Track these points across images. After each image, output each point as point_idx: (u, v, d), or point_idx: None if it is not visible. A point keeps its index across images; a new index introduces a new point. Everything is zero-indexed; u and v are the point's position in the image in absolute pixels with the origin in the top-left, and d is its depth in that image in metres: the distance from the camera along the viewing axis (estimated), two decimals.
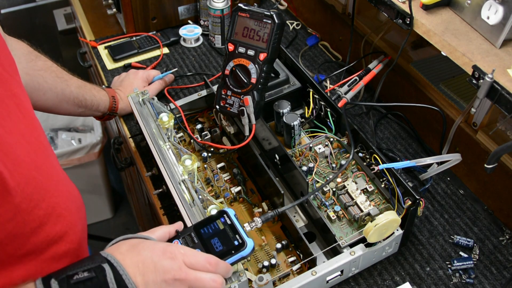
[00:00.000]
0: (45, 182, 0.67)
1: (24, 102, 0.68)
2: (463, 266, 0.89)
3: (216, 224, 0.72)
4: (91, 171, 2.02)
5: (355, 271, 0.87)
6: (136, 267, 0.61)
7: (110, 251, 0.63)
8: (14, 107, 0.65)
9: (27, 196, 0.62)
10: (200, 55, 1.36)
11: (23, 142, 0.64)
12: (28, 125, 0.67)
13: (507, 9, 0.77)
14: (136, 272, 0.61)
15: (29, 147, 0.65)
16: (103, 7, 1.41)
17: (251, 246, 0.70)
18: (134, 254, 0.63)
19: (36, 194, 0.64)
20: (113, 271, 0.60)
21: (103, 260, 0.61)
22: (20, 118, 0.66)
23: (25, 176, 0.62)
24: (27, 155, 0.64)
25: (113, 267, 0.60)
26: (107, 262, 0.60)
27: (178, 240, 0.70)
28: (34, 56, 0.97)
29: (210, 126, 1.10)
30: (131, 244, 0.64)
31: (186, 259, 0.65)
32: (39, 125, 0.72)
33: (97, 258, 0.61)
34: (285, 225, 0.92)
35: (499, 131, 0.95)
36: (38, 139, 0.69)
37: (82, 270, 0.59)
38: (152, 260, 0.62)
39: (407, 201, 0.83)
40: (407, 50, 1.17)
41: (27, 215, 0.63)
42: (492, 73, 0.76)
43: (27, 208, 0.62)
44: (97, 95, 1.07)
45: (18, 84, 0.69)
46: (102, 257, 0.61)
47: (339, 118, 0.98)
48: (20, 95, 0.68)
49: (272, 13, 0.88)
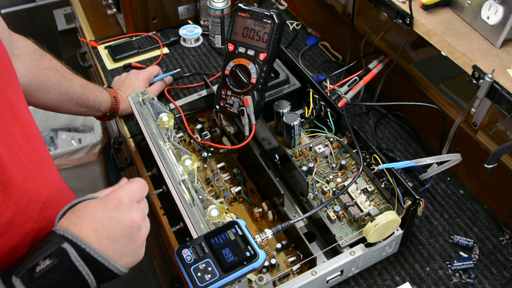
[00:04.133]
0: (41, 194, 0.64)
1: (21, 111, 0.67)
2: (463, 266, 0.89)
3: (227, 235, 0.72)
4: (91, 171, 2.02)
5: (355, 271, 0.87)
6: (97, 232, 0.57)
7: (64, 225, 0.58)
8: (11, 117, 0.64)
9: (21, 209, 0.60)
10: (200, 55, 1.36)
11: (19, 153, 0.63)
12: (25, 136, 0.65)
13: (507, 9, 0.77)
14: (99, 238, 0.57)
15: (25, 158, 0.63)
16: (103, 7, 1.41)
17: (263, 257, 0.70)
18: (88, 220, 0.58)
19: (31, 207, 0.62)
20: (75, 248, 0.55)
21: (60, 239, 0.55)
22: (17, 129, 0.64)
23: (20, 188, 0.60)
24: (22, 166, 0.62)
25: (73, 244, 0.55)
26: (66, 240, 0.55)
27: (189, 250, 0.70)
28: (39, 54, 0.97)
29: (210, 126, 1.10)
30: (80, 210, 0.60)
31: (132, 195, 0.62)
32: (38, 134, 0.70)
33: (53, 238, 0.56)
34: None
35: (499, 131, 0.95)
36: (35, 149, 0.67)
37: (43, 258, 0.54)
38: (111, 217, 0.59)
39: (407, 201, 0.83)
40: (407, 50, 1.17)
41: (21, 228, 0.60)
42: (492, 73, 0.76)
43: (21, 222, 0.60)
44: (99, 95, 1.07)
45: (16, 93, 0.68)
46: (59, 235, 0.56)
47: (339, 118, 0.98)
48: (17, 105, 0.66)
49: (272, 13, 0.88)
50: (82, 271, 0.56)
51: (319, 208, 0.84)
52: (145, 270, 2.00)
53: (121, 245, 0.59)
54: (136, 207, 0.62)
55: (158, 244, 1.40)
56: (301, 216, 0.84)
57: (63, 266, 0.55)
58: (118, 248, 0.59)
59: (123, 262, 0.60)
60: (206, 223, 0.80)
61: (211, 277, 0.68)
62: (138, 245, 0.62)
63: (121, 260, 0.59)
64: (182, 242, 0.84)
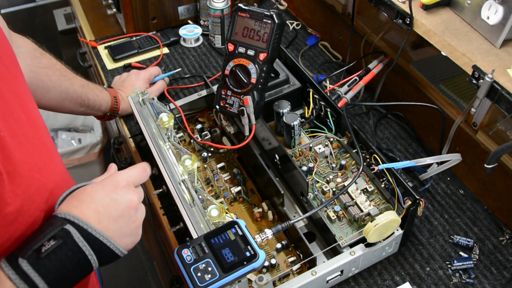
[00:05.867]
0: (48, 184, 0.66)
1: (27, 102, 0.68)
2: (463, 266, 0.89)
3: (227, 235, 0.72)
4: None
5: (355, 271, 0.87)
6: (98, 213, 0.60)
7: (64, 209, 0.60)
8: (18, 108, 0.65)
9: (29, 198, 0.61)
10: (200, 55, 1.36)
11: (26, 143, 0.64)
12: (32, 126, 0.67)
13: (507, 9, 0.77)
14: (100, 218, 0.60)
15: (32, 148, 0.65)
16: (103, 7, 1.41)
17: (263, 257, 0.70)
18: (89, 202, 0.61)
19: (39, 197, 0.63)
20: (78, 229, 0.58)
21: (63, 221, 0.58)
22: (24, 119, 0.65)
23: (26, 177, 0.61)
24: (29, 156, 0.63)
25: (76, 225, 0.58)
26: (68, 222, 0.58)
27: (189, 250, 0.70)
28: (39, 53, 0.97)
29: (210, 126, 1.10)
30: (79, 194, 0.63)
31: (130, 179, 0.66)
32: (43, 125, 0.71)
33: (55, 221, 0.58)
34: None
35: (499, 131, 0.95)
36: (41, 140, 0.68)
37: (47, 239, 0.56)
38: (110, 198, 0.62)
39: (407, 201, 0.83)
40: (407, 50, 1.17)
41: (30, 217, 0.62)
42: (492, 73, 0.76)
43: (29, 210, 0.62)
44: (99, 95, 1.07)
45: (22, 84, 0.69)
46: (61, 218, 0.59)
47: (339, 118, 0.98)
48: (23, 96, 0.68)
49: (272, 13, 0.88)
50: (86, 251, 0.58)
51: (319, 208, 0.84)
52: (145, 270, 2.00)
53: (120, 225, 0.62)
54: (134, 190, 0.66)
55: (158, 244, 1.40)
56: (301, 216, 0.84)
57: (67, 247, 0.57)
58: (118, 228, 0.62)
59: (123, 242, 0.62)
60: (206, 223, 0.80)
61: (211, 277, 0.68)
62: (136, 226, 0.65)
63: (121, 240, 0.62)
64: (182, 242, 0.84)
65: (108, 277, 1.92)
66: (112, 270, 1.93)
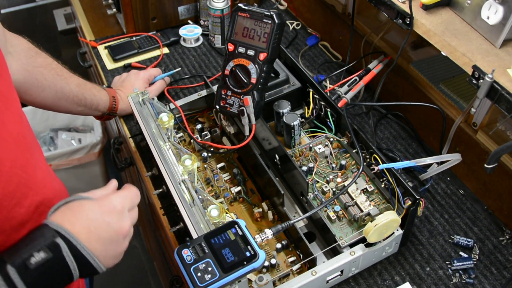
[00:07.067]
0: (29, 180, 0.67)
1: (11, 100, 0.68)
2: (463, 266, 0.89)
3: (227, 235, 0.72)
4: (91, 171, 2.02)
5: (355, 271, 0.87)
6: (89, 232, 0.61)
7: (58, 221, 0.61)
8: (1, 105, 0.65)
9: (9, 193, 0.62)
10: (200, 55, 1.36)
11: (9, 140, 0.64)
12: (15, 123, 0.67)
13: (507, 9, 0.77)
14: (90, 237, 0.61)
15: (14, 144, 0.65)
16: (103, 7, 1.41)
17: (263, 257, 0.70)
18: (83, 219, 0.62)
19: (19, 192, 0.64)
20: (68, 244, 0.59)
21: (54, 234, 0.59)
22: (8, 117, 0.65)
23: (7, 173, 0.62)
24: (11, 153, 0.64)
25: (66, 240, 0.59)
26: (59, 235, 0.59)
27: (189, 250, 0.71)
28: (34, 52, 0.97)
29: (210, 126, 1.10)
30: (75, 207, 0.64)
31: (126, 204, 0.68)
32: (26, 122, 0.72)
33: (47, 232, 0.59)
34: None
35: (499, 131, 0.95)
36: (24, 136, 0.69)
37: (37, 250, 0.58)
38: (103, 220, 0.63)
39: (407, 201, 0.83)
40: (407, 50, 1.17)
41: (8, 212, 0.63)
42: (492, 73, 0.76)
43: (8, 206, 0.62)
44: (97, 94, 1.07)
45: (6, 81, 0.69)
46: (52, 230, 0.59)
47: (339, 118, 0.98)
48: (7, 93, 0.67)
49: (272, 13, 0.88)
50: (71, 266, 0.60)
51: (319, 208, 0.84)
52: (145, 270, 2.00)
53: (107, 247, 0.64)
54: (127, 215, 0.68)
55: (158, 244, 1.40)
56: (301, 216, 0.84)
57: (55, 261, 0.58)
58: (104, 249, 0.63)
59: (106, 262, 0.64)
60: (206, 223, 0.80)
61: (211, 277, 0.68)
62: (121, 251, 0.67)
63: (105, 260, 0.64)
64: (182, 242, 0.84)
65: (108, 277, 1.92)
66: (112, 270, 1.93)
